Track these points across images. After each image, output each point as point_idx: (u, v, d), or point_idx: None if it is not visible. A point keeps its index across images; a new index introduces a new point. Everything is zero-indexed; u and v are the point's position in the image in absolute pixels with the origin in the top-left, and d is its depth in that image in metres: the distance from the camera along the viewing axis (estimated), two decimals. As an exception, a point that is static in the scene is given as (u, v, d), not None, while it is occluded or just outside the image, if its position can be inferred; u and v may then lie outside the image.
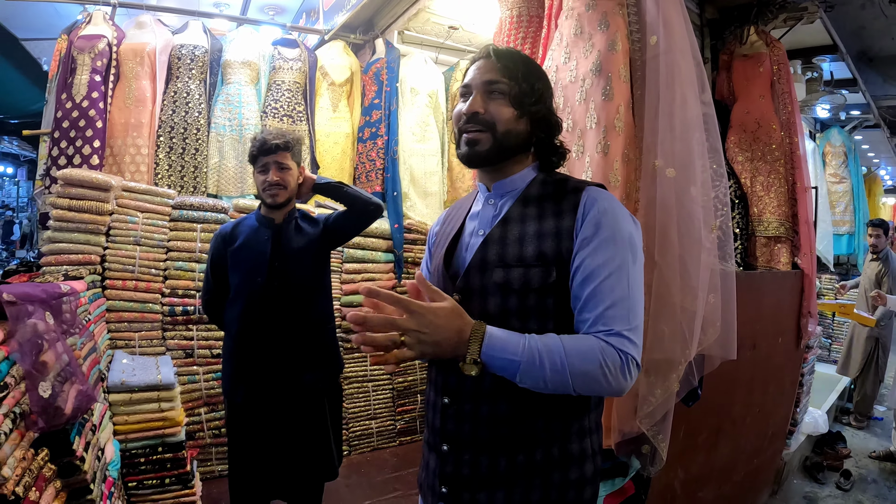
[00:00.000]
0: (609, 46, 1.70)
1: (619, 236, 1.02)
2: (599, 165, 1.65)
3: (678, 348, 1.50)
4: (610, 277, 0.99)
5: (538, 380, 0.95)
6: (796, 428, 3.38)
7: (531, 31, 2.14)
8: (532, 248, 1.05)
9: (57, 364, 1.52)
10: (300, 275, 2.11)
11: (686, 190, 1.54)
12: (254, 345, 2.08)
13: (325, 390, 2.18)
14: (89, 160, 3.17)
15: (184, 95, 3.46)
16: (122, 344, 2.93)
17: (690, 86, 1.58)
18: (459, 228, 1.20)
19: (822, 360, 5.46)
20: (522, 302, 1.03)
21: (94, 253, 2.89)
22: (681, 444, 1.96)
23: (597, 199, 1.05)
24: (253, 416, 2.11)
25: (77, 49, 3.27)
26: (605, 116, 1.66)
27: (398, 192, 3.63)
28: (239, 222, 2.23)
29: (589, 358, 0.95)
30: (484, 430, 1.06)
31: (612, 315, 0.98)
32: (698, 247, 1.51)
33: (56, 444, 1.51)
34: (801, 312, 2.84)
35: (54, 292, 1.77)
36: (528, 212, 1.10)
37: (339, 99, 3.89)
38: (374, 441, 3.58)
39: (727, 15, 2.88)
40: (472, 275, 1.09)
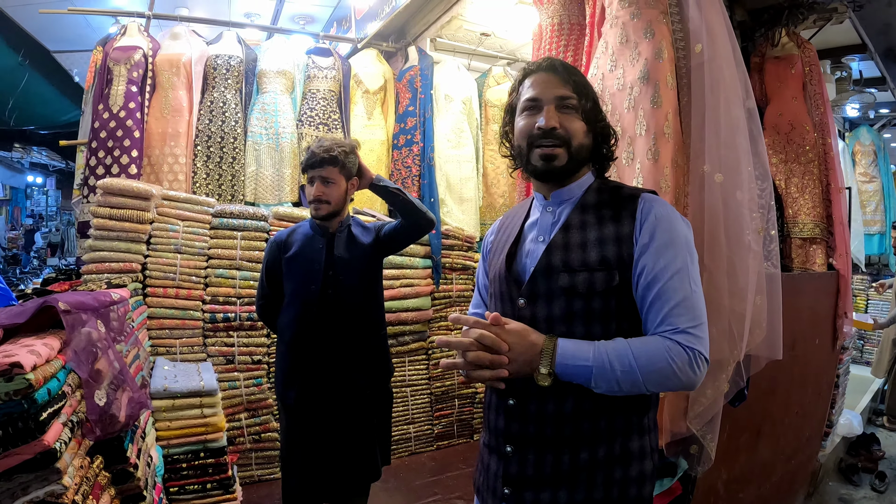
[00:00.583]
0: (656, 55, 1.73)
1: (678, 239, 1.08)
2: (650, 172, 1.68)
3: (727, 349, 1.54)
4: (673, 279, 1.04)
5: (611, 382, 1.00)
6: (832, 430, 3.36)
7: (573, 38, 2.18)
8: (595, 253, 1.09)
9: (110, 372, 1.55)
10: (353, 283, 2.15)
11: (733, 194, 1.58)
12: (306, 350, 2.12)
13: (375, 394, 2.22)
14: (127, 170, 3.24)
15: (220, 105, 3.54)
16: (163, 351, 3.00)
17: (734, 92, 1.62)
18: (518, 236, 1.24)
19: (855, 361, 5.40)
20: (587, 305, 1.08)
21: (135, 261, 2.96)
22: (724, 444, 1.97)
23: (653, 206, 1.11)
24: (304, 418, 2.15)
25: (113, 60, 3.36)
26: (655, 124, 1.70)
27: (435, 199, 3.68)
28: (294, 230, 2.26)
29: (657, 357, 1.00)
30: (549, 429, 1.10)
31: (678, 313, 1.03)
32: (746, 250, 1.54)
33: (110, 452, 1.55)
34: (836, 313, 2.83)
35: (105, 301, 1.80)
36: (588, 218, 1.14)
37: (373, 106, 3.95)
38: (412, 445, 3.62)
39: (757, 17, 2.88)
40: (538, 280, 1.13)
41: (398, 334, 3.57)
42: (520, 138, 1.19)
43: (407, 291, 3.59)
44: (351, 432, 2.15)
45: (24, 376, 1.12)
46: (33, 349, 1.20)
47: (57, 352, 1.32)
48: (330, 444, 2.13)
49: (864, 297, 5.50)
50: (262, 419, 3.17)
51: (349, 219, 2.26)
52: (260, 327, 3.19)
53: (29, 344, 1.23)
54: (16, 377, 1.11)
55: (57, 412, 1.25)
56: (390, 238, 2.24)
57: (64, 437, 1.24)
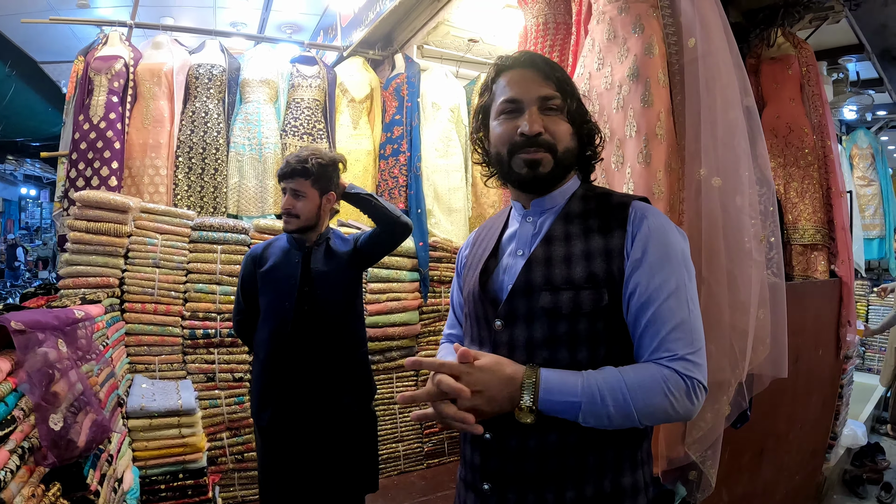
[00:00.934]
0: (645, 50, 1.62)
1: (673, 254, 0.97)
2: (642, 176, 1.57)
3: (728, 369, 1.42)
4: (669, 300, 0.93)
5: (602, 417, 0.89)
6: (836, 441, 3.25)
7: (559, 38, 2.07)
8: (581, 268, 0.98)
9: (70, 394, 1.46)
10: (330, 299, 2.05)
11: (732, 199, 1.46)
12: (282, 368, 2.02)
13: (358, 415, 2.11)
14: (107, 182, 3.15)
15: (202, 115, 3.44)
16: (141, 368, 2.89)
17: (732, 89, 1.50)
18: (494, 249, 1.12)
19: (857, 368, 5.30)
20: (572, 328, 0.96)
21: (112, 276, 2.86)
22: (726, 465, 1.86)
23: (646, 216, 1.00)
24: (279, 441, 2.05)
25: (94, 70, 3.28)
26: (646, 124, 1.58)
27: (422, 210, 3.56)
28: (270, 243, 2.18)
29: (653, 389, 0.89)
30: (531, 465, 0.98)
31: (675, 338, 0.92)
32: (748, 260, 1.43)
33: (69, 479, 1.45)
34: (839, 322, 2.73)
35: (67, 318, 1.71)
36: (572, 229, 1.03)
37: (359, 115, 3.85)
38: (401, 464, 3.50)
39: (751, 18, 2.80)
40: (517, 299, 1.01)
41: (385, 350, 3.45)
42: (499, 144, 1.06)
43: (394, 306, 3.47)
44: (330, 456, 2.04)
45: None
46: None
47: (6, 374, 1.23)
48: (308, 468, 2.03)
49: (865, 302, 5.41)
50: (245, 438, 3.04)
51: (329, 232, 2.16)
52: (241, 344, 3.06)
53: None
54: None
55: (4, 438, 1.16)
56: (368, 247, 2.15)
57: (11, 466, 1.15)
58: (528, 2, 2.18)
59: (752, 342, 1.45)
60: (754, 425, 2.05)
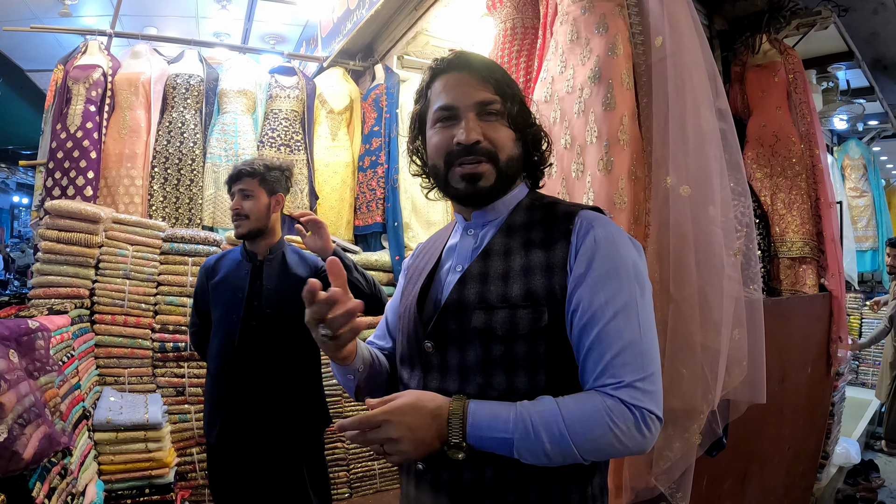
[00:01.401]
0: (609, 50, 1.53)
1: (623, 268, 0.87)
2: (602, 185, 1.46)
3: (699, 394, 1.30)
4: (616, 318, 0.84)
5: (539, 455, 0.80)
6: (827, 461, 3.15)
7: (526, 42, 1.97)
8: (519, 285, 0.89)
9: (19, 405, 1.41)
10: (278, 318, 1.97)
11: (703, 210, 1.35)
12: (229, 385, 1.96)
13: (301, 444, 2.02)
14: (83, 191, 3.09)
15: (179, 125, 3.37)
16: (111, 380, 2.80)
17: (703, 91, 1.40)
18: (435, 264, 1.03)
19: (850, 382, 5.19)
20: (508, 351, 0.87)
21: (82, 286, 2.78)
22: (704, 494, 1.76)
23: (592, 226, 0.90)
24: (226, 459, 1.98)
25: (72, 79, 3.23)
26: (608, 129, 1.48)
27: (399, 223, 3.46)
28: (224, 255, 2.13)
29: (594, 422, 0.79)
30: (466, 501, 0.89)
31: (622, 363, 0.82)
32: (720, 275, 1.32)
33: (13, 492, 1.41)
34: (830, 338, 2.64)
35: (19, 329, 1.66)
36: (513, 243, 0.94)
37: (338, 127, 3.77)
38: (377, 483, 3.38)
39: (737, 25, 2.74)
40: (448, 319, 0.92)
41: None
42: (435, 156, 0.97)
43: (370, 320, 3.37)
44: (273, 483, 1.95)
45: None
46: None
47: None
48: (253, 489, 1.95)
49: (859, 315, 5.30)
50: (216, 456, 2.95)
51: (283, 245, 2.09)
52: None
53: None
54: None
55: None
56: None
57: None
58: (497, 7, 2.10)
59: (727, 364, 1.34)
60: (736, 449, 1.95)
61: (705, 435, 1.38)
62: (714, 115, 1.39)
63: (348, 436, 0.84)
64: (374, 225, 3.56)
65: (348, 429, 0.83)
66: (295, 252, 2.12)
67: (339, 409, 3.27)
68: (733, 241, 1.39)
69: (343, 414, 3.29)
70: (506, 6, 2.06)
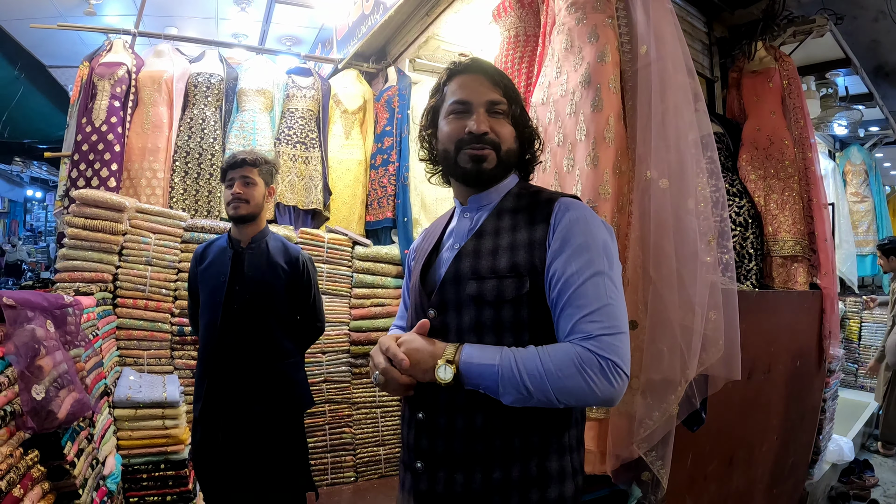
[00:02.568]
0: (598, 58, 1.68)
1: (593, 243, 1.02)
2: (589, 178, 1.61)
3: (677, 368, 1.44)
4: (586, 283, 0.98)
5: (520, 388, 0.94)
6: (819, 456, 3.22)
7: (528, 49, 2.13)
8: (505, 259, 1.04)
9: (54, 370, 1.55)
10: (255, 303, 2.11)
11: (681, 201, 1.49)
12: (212, 364, 2.09)
13: (277, 425, 2.13)
14: (107, 182, 3.24)
15: (199, 122, 3.54)
16: (130, 361, 2.95)
17: (683, 94, 1.55)
18: (436, 244, 1.20)
19: (849, 385, 5.25)
20: (497, 314, 1.02)
21: (106, 271, 2.94)
22: (688, 472, 1.87)
23: (569, 208, 1.06)
24: (206, 432, 2.12)
25: (98, 76, 3.38)
26: (595, 128, 1.63)
27: (408, 218, 3.61)
28: (211, 243, 2.27)
29: (566, 365, 0.93)
30: (458, 445, 1.03)
31: (590, 319, 0.96)
32: (695, 260, 1.46)
33: (47, 448, 1.53)
34: (821, 334, 2.73)
35: (56, 302, 1.80)
36: (502, 224, 1.09)
37: (351, 126, 3.93)
38: (381, 468, 3.50)
39: (736, 32, 2.86)
40: (447, 288, 1.08)
41: (368, 354, 3.48)
42: (446, 142, 1.14)
43: (378, 311, 3.51)
44: (250, 455, 2.08)
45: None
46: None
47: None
48: (233, 463, 2.08)
49: (858, 319, 5.35)
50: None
51: (266, 233, 2.23)
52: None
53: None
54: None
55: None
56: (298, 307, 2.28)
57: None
58: (501, 16, 2.26)
59: (704, 343, 1.47)
60: (721, 432, 2.06)
61: (683, 405, 1.51)
62: (693, 116, 1.54)
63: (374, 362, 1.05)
64: (384, 220, 3.72)
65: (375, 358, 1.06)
66: (278, 241, 2.25)
67: (347, 394, 3.44)
68: (708, 231, 1.52)
69: (352, 399, 3.46)
70: (510, 15, 2.22)
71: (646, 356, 1.46)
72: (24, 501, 1.32)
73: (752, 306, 2.14)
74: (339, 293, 3.47)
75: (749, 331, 2.07)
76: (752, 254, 2.65)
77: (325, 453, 3.32)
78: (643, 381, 1.47)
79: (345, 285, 3.49)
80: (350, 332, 3.44)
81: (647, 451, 1.46)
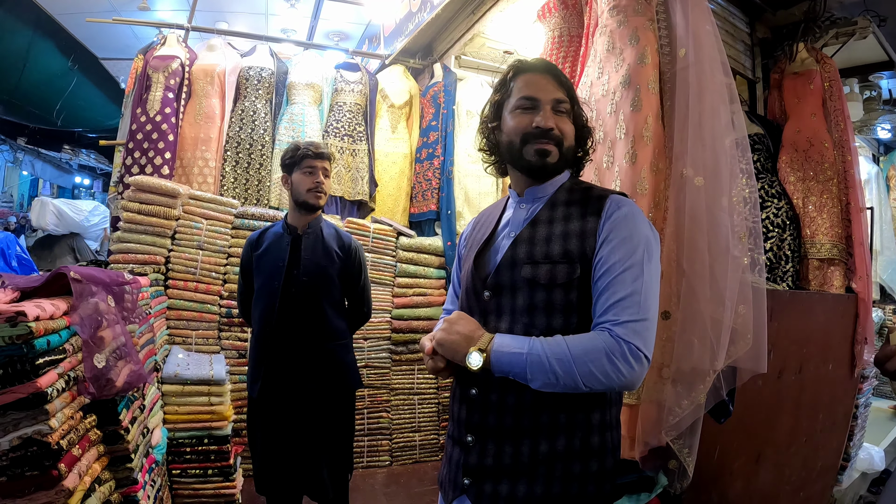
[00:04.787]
0: (639, 60, 1.75)
1: (637, 238, 1.09)
2: (627, 174, 1.69)
3: (706, 358, 1.50)
4: (625, 272, 1.06)
5: (547, 373, 1.02)
6: (849, 464, 3.20)
7: (571, 50, 2.21)
8: (558, 246, 1.12)
9: (114, 342, 1.67)
10: (312, 287, 2.20)
11: (715, 199, 1.56)
12: (270, 345, 2.18)
13: (327, 403, 2.22)
14: (160, 170, 3.42)
15: (250, 114, 3.70)
16: (179, 340, 3.11)
17: (720, 96, 1.61)
18: (492, 233, 1.27)
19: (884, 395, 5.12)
20: (549, 296, 1.11)
21: (159, 254, 3.09)
22: (715, 465, 1.91)
23: (620, 205, 1.14)
24: (266, 412, 2.20)
25: (152, 68, 3.56)
26: (634, 127, 1.71)
27: (452, 211, 3.72)
28: (266, 229, 2.35)
29: (591, 348, 1.01)
30: (509, 419, 1.11)
31: (622, 306, 1.04)
32: (727, 255, 1.52)
33: (104, 414, 1.65)
34: (855, 339, 2.72)
35: (117, 279, 1.92)
36: (556, 214, 1.17)
37: (398, 121, 4.06)
38: (416, 454, 3.61)
39: (778, 34, 2.85)
40: (503, 272, 1.16)
41: (408, 342, 3.60)
42: (512, 134, 1.21)
43: (419, 300, 3.62)
44: (302, 438, 2.18)
45: (26, 323, 1.23)
46: (40, 304, 1.33)
47: (63, 312, 1.44)
48: (291, 440, 2.17)
49: (895, 326, 5.21)
50: (269, 414, 3.22)
51: (320, 220, 2.32)
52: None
53: (38, 302, 1.35)
54: (19, 324, 1.22)
55: (54, 363, 1.36)
56: (349, 294, 2.37)
57: (58, 386, 1.34)
58: (546, 16, 2.34)
59: (732, 336, 1.53)
60: (749, 429, 2.09)
61: (710, 396, 1.56)
62: (729, 118, 1.60)
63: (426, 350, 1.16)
64: (428, 213, 3.85)
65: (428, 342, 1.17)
66: (331, 227, 2.35)
67: (386, 380, 3.57)
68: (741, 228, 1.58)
69: (391, 385, 3.59)
70: (555, 16, 2.30)
71: (677, 346, 1.52)
72: (82, 461, 1.43)
73: (785, 306, 2.16)
74: (383, 282, 3.59)
75: (782, 330, 2.10)
76: (788, 255, 2.66)
77: (362, 436, 3.44)
78: (673, 370, 1.53)
79: (388, 274, 3.61)
80: (392, 319, 3.57)
81: (674, 439, 1.53)
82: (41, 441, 1.27)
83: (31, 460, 1.27)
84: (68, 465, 1.35)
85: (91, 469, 1.48)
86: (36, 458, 1.27)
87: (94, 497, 1.45)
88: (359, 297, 2.39)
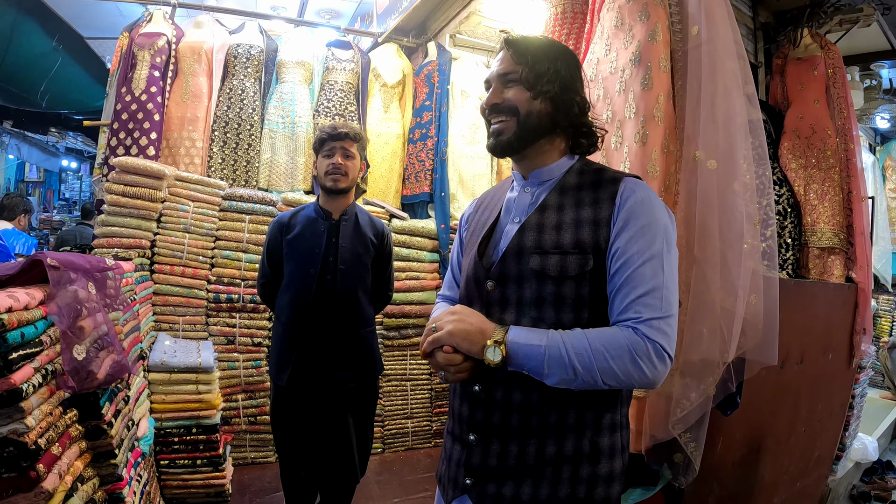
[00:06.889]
0: (649, 36, 1.67)
1: (656, 226, 1.02)
2: (637, 156, 1.61)
3: (716, 349, 1.45)
4: (645, 265, 0.98)
5: (566, 369, 0.95)
6: (844, 453, 3.21)
7: (575, 26, 2.12)
8: (570, 235, 1.04)
9: (95, 332, 1.57)
10: (348, 274, 2.14)
11: (728, 182, 1.49)
12: (301, 333, 2.11)
13: (357, 389, 2.18)
14: (146, 151, 3.30)
15: (239, 92, 3.59)
16: (166, 327, 3.04)
17: (733, 77, 1.54)
18: (496, 217, 1.19)
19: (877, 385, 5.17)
20: (559, 289, 1.03)
21: (144, 238, 3.01)
22: (717, 457, 1.88)
23: (635, 190, 1.05)
24: (294, 400, 2.14)
25: (137, 46, 3.43)
26: (645, 106, 1.63)
27: (446, 193, 3.65)
28: (297, 211, 2.25)
29: (614, 345, 0.94)
30: (515, 418, 1.04)
31: (645, 303, 0.97)
32: (740, 242, 1.45)
33: (86, 408, 1.57)
34: (853, 329, 2.70)
35: (98, 265, 1.82)
36: (566, 200, 1.09)
37: (390, 100, 3.95)
38: (408, 440, 3.58)
39: (781, 18, 2.80)
40: (509, 261, 1.08)
41: (401, 327, 3.54)
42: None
43: (412, 284, 3.56)
44: (331, 424, 2.13)
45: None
46: (13, 295, 1.23)
47: (39, 302, 1.34)
48: (315, 429, 2.12)
49: (891, 318, 5.25)
50: (259, 402, 3.17)
51: (355, 207, 2.25)
52: (262, 310, 3.21)
53: (11, 291, 1.26)
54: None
55: (30, 356, 1.27)
56: (375, 278, 2.30)
57: (34, 381, 1.25)
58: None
59: (743, 326, 1.48)
60: (751, 420, 2.06)
61: (719, 388, 1.51)
62: (743, 100, 1.53)
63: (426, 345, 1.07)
64: (421, 195, 3.76)
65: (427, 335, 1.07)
66: (365, 214, 2.28)
67: (403, 367, 3.55)
68: (755, 213, 1.52)
69: (407, 373, 3.57)
70: (557, -9, 2.19)
71: (686, 337, 1.47)
72: (62, 459, 1.35)
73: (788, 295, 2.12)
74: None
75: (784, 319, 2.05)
76: (789, 243, 2.62)
77: (352, 423, 3.39)
78: (682, 361, 1.48)
79: (379, 258, 3.54)
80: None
81: (682, 433, 1.48)
82: (17, 441, 1.19)
83: (8, 461, 1.18)
84: (47, 465, 1.27)
85: (72, 467, 1.40)
86: (13, 459, 1.19)
87: (76, 497, 1.37)
88: (386, 280, 2.35)
